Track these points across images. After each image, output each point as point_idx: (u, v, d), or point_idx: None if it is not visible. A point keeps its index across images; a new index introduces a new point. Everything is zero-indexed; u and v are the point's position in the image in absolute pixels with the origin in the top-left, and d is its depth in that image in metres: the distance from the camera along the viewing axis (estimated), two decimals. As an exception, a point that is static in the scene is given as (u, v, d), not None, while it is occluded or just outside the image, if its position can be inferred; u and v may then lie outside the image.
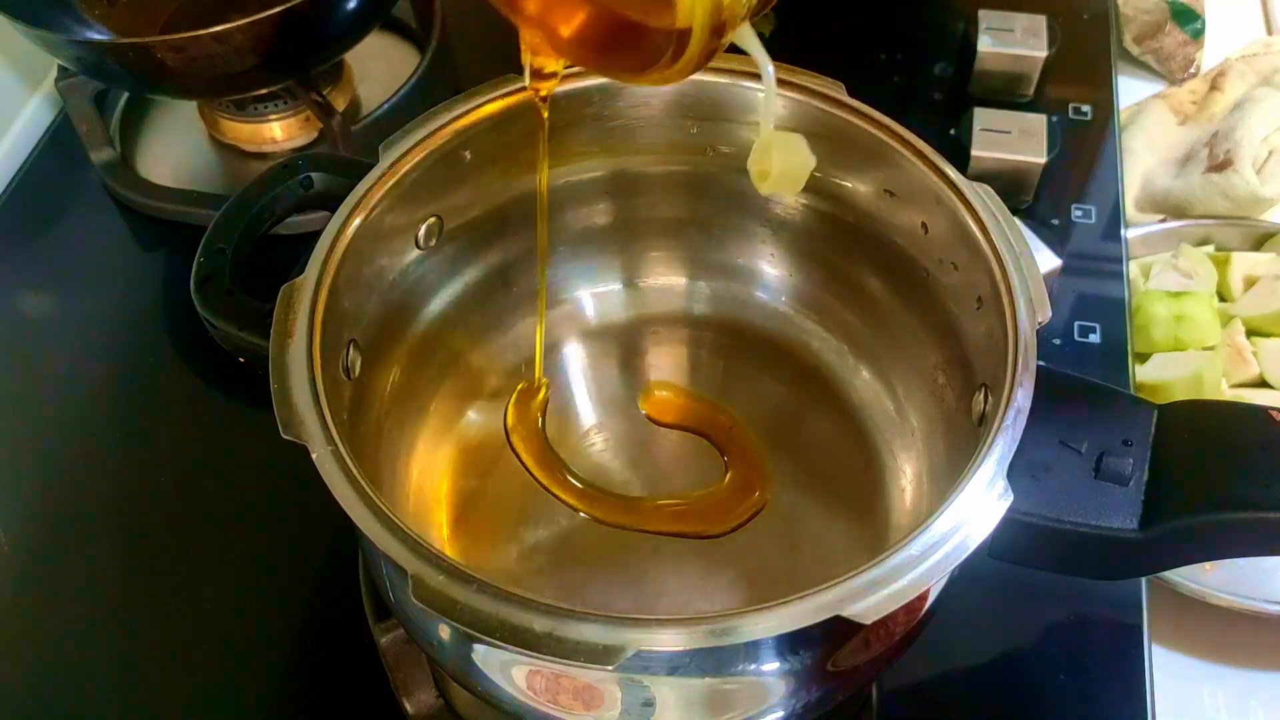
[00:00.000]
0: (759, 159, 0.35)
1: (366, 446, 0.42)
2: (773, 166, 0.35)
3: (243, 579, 0.51)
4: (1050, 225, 0.62)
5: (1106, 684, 0.46)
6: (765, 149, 0.35)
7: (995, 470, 0.32)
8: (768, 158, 0.35)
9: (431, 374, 0.48)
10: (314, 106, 0.65)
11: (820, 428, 0.49)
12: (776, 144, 0.35)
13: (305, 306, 0.37)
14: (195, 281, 0.42)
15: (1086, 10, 0.76)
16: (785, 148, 0.35)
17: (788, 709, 0.35)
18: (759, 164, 0.35)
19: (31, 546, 0.53)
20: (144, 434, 0.57)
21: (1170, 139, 0.72)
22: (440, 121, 0.42)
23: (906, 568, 0.30)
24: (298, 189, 0.45)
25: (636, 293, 0.53)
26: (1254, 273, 0.62)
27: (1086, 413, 0.36)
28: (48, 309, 0.64)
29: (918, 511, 0.45)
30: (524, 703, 0.35)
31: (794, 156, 0.35)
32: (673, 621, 0.29)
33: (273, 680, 0.48)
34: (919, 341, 0.45)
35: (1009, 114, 0.64)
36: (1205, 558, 0.46)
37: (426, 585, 0.30)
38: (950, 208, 0.39)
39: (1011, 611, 0.49)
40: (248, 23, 0.55)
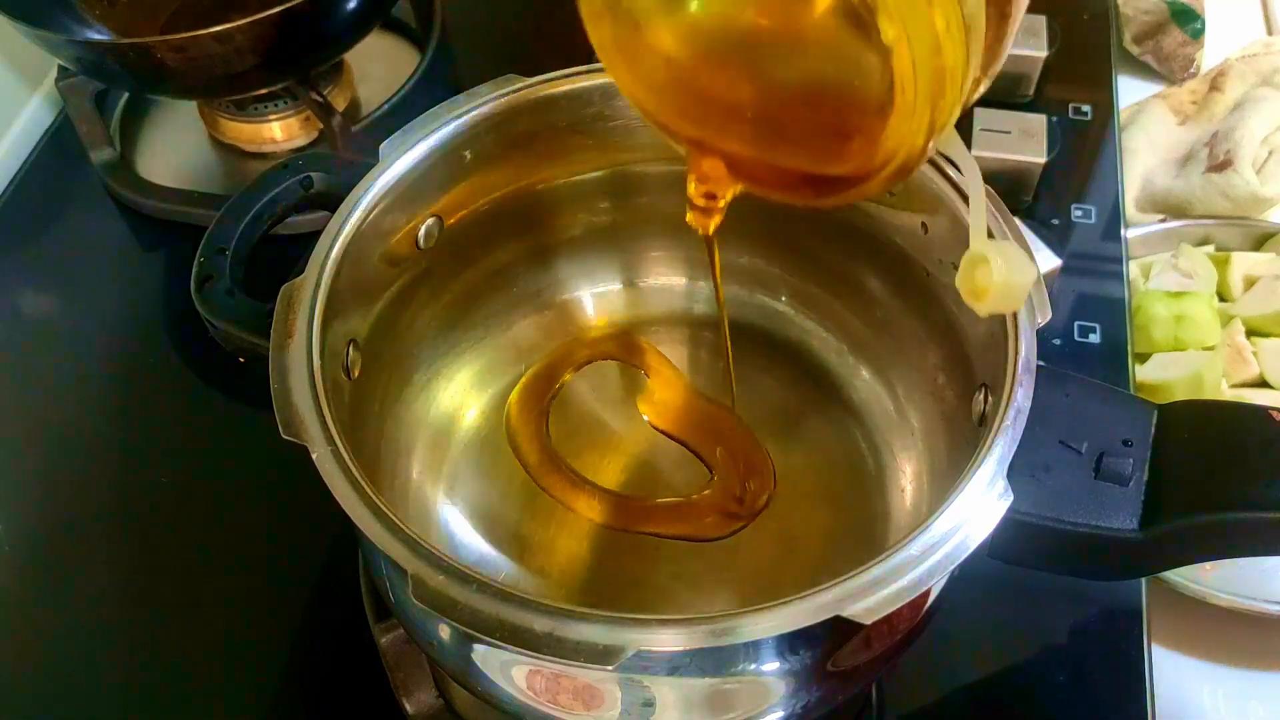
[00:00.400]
0: (971, 275, 0.30)
1: (366, 446, 0.42)
2: (992, 281, 0.30)
3: (243, 579, 0.51)
4: (1050, 225, 0.62)
5: (1106, 684, 0.46)
6: (981, 261, 0.30)
7: (995, 470, 0.32)
8: (985, 271, 0.30)
9: (431, 374, 0.48)
10: (314, 106, 0.65)
11: (820, 428, 0.49)
12: (994, 255, 0.30)
13: (305, 306, 0.37)
14: (195, 281, 0.42)
15: (1086, 10, 0.76)
16: (1005, 258, 0.30)
17: (788, 709, 0.35)
18: (971, 280, 0.31)
19: (31, 546, 0.53)
20: (144, 434, 0.57)
21: (1170, 139, 0.72)
22: (440, 121, 0.42)
23: (906, 568, 0.30)
24: (298, 189, 0.45)
25: (636, 293, 0.53)
26: (1254, 273, 0.62)
27: (1086, 413, 0.36)
28: (48, 309, 0.64)
29: (918, 511, 0.45)
30: (524, 703, 0.35)
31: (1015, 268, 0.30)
32: (673, 621, 0.29)
33: (273, 680, 0.48)
34: (919, 341, 0.45)
35: (1009, 114, 0.64)
36: (1205, 558, 0.46)
37: (426, 585, 0.30)
38: (950, 208, 0.39)
39: (1011, 611, 0.49)
40: (248, 23, 0.55)
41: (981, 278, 0.30)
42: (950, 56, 0.25)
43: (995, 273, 0.30)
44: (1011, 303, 0.31)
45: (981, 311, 0.31)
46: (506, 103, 0.42)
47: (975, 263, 0.30)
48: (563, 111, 0.44)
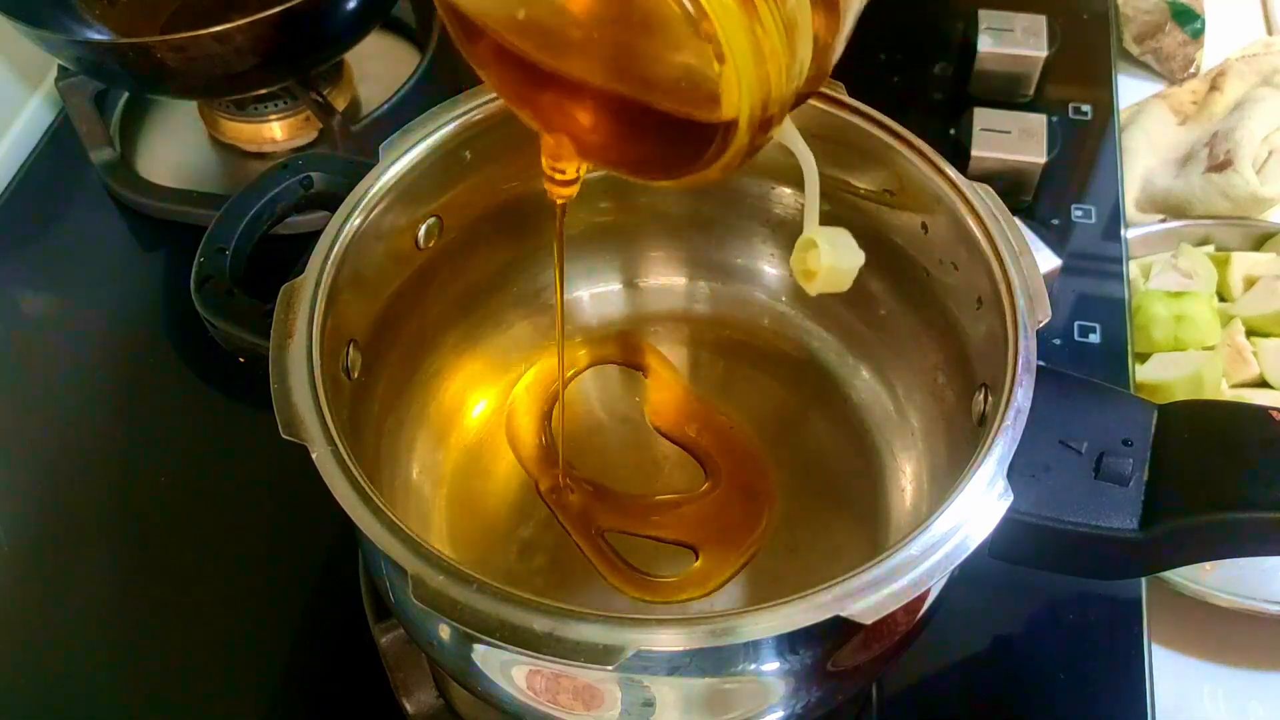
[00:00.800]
0: (804, 256, 0.33)
1: (366, 446, 0.42)
2: (821, 265, 0.32)
3: (243, 579, 0.51)
4: (1050, 225, 0.62)
5: (1106, 684, 0.46)
6: (810, 245, 0.32)
7: (995, 470, 0.32)
8: (814, 255, 0.32)
9: (431, 374, 0.48)
10: (314, 106, 0.65)
11: (820, 428, 0.49)
12: (823, 240, 0.32)
13: (305, 306, 0.37)
14: (195, 281, 0.42)
15: (1086, 10, 0.76)
16: (832, 244, 0.32)
17: (788, 709, 0.35)
18: (804, 262, 0.33)
19: (31, 546, 0.53)
20: (144, 434, 0.57)
21: (1170, 139, 0.72)
22: (440, 121, 0.42)
23: (906, 568, 0.30)
24: (298, 189, 0.45)
25: (636, 293, 0.53)
26: (1254, 273, 0.62)
27: (1086, 413, 0.36)
28: (48, 309, 0.64)
29: (918, 511, 0.45)
30: (524, 703, 0.35)
31: (842, 253, 0.32)
32: (673, 621, 0.29)
33: (273, 680, 0.48)
34: (919, 341, 0.45)
35: (1009, 114, 0.64)
36: (1205, 558, 0.46)
37: (426, 585, 0.30)
38: (950, 208, 0.39)
39: (1011, 611, 0.49)
40: (248, 23, 0.55)
41: (811, 260, 0.32)
42: (773, 62, 0.26)
43: (824, 256, 0.32)
44: (839, 285, 0.33)
45: (811, 291, 0.33)
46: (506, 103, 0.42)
47: (806, 246, 0.33)
48: (563, 111, 0.44)
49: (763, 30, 0.25)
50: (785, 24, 0.26)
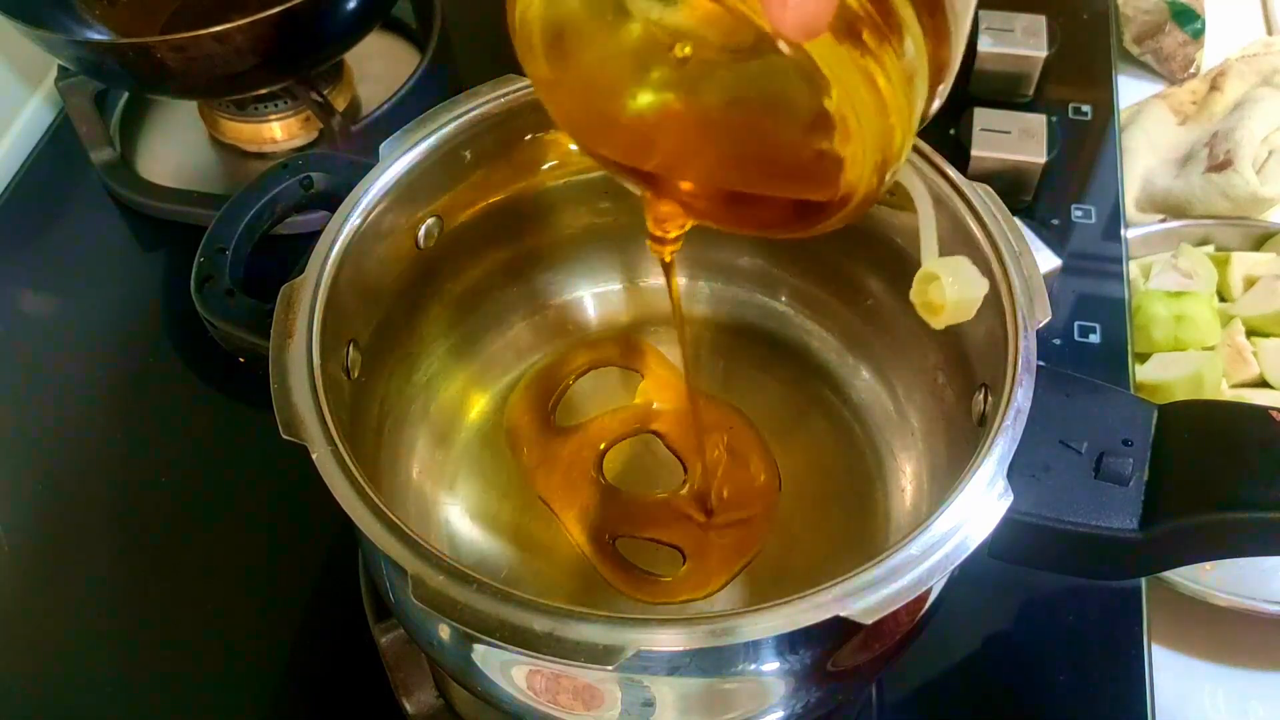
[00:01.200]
0: (925, 290, 0.32)
1: (366, 446, 0.42)
2: (947, 299, 0.31)
3: (243, 579, 0.51)
4: (1050, 225, 0.62)
5: (1106, 684, 0.46)
6: (932, 278, 0.31)
7: (995, 470, 0.32)
8: (937, 288, 0.31)
9: (431, 374, 0.48)
10: (314, 106, 0.65)
11: (820, 427, 0.49)
12: (945, 271, 0.31)
13: (305, 306, 0.37)
14: (195, 281, 0.42)
15: (1086, 10, 0.76)
16: (955, 274, 0.31)
17: (788, 709, 0.35)
18: (926, 295, 0.32)
19: (31, 546, 0.53)
20: (144, 434, 0.57)
21: (1170, 139, 0.72)
22: (440, 121, 0.42)
23: (906, 568, 0.30)
24: (298, 189, 0.45)
25: (636, 293, 0.53)
26: (1254, 273, 0.62)
27: (1086, 413, 0.36)
28: (48, 309, 0.64)
29: (918, 511, 0.45)
30: (524, 703, 0.35)
31: (965, 284, 0.31)
32: (673, 621, 0.29)
33: (273, 680, 0.48)
34: (919, 341, 0.45)
35: (1009, 114, 0.64)
36: (1205, 558, 0.46)
37: (426, 585, 0.30)
38: (950, 208, 0.39)
39: (1011, 611, 0.49)
40: (248, 23, 0.55)
41: (935, 294, 0.31)
42: (895, 113, 0.25)
43: (948, 290, 0.31)
44: (964, 315, 0.32)
45: (936, 325, 0.32)
46: (506, 103, 0.42)
47: (928, 279, 0.31)
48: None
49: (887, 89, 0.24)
50: (905, 76, 0.25)
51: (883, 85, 0.24)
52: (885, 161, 0.26)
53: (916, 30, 0.25)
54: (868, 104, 0.25)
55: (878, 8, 0.24)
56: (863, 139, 0.25)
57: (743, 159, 0.30)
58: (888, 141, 0.26)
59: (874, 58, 0.24)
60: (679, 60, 0.27)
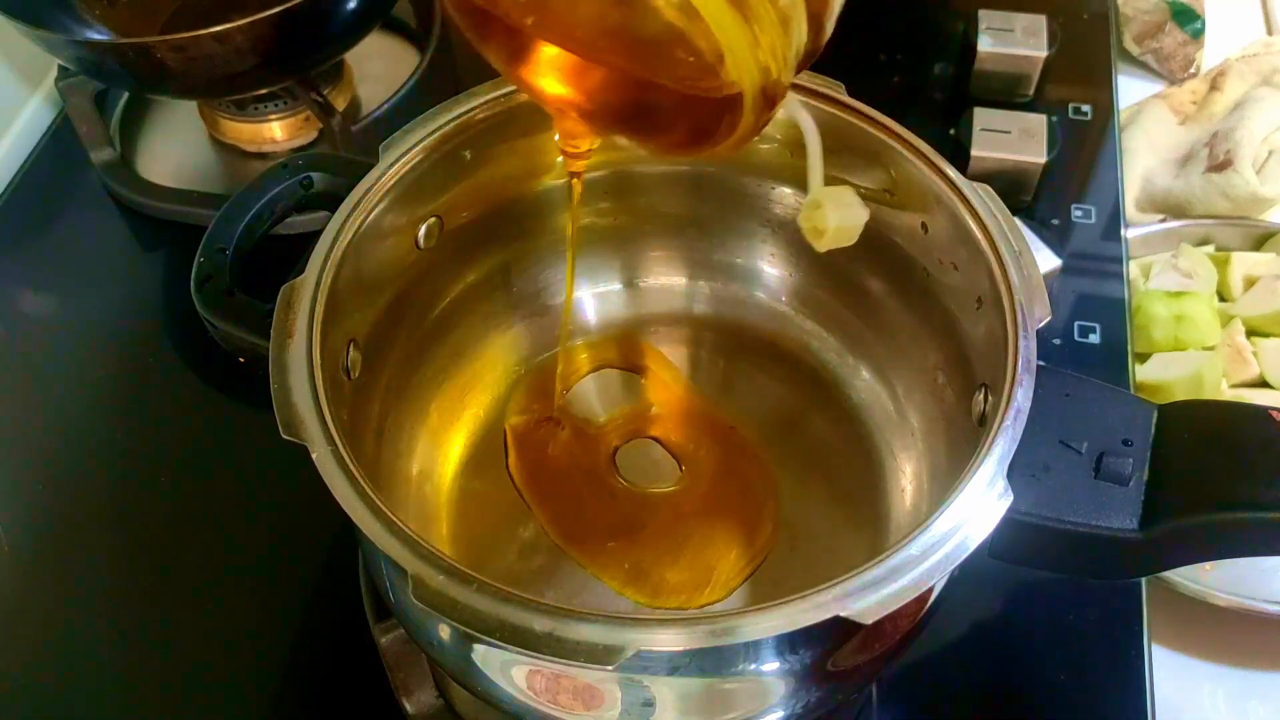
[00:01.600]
0: (811, 215, 0.34)
1: (366, 446, 0.42)
2: (828, 223, 0.34)
3: (243, 579, 0.51)
4: (1050, 225, 0.62)
5: (1106, 684, 0.46)
6: (816, 205, 0.34)
7: (995, 470, 0.32)
8: (821, 214, 0.34)
9: (431, 374, 0.48)
10: (314, 106, 0.65)
11: (820, 428, 0.49)
12: (828, 199, 0.34)
13: (305, 306, 0.37)
14: (195, 281, 0.42)
15: (1086, 10, 0.76)
16: (838, 202, 0.34)
17: (788, 709, 0.35)
18: (811, 220, 0.34)
19: (31, 546, 0.53)
20: (144, 434, 0.57)
21: (1170, 139, 0.72)
22: (440, 121, 0.42)
23: (906, 568, 0.30)
24: (298, 189, 0.45)
25: (636, 293, 0.53)
26: (1254, 273, 0.62)
27: (1086, 413, 0.36)
28: (48, 309, 0.64)
29: (918, 511, 0.45)
30: (524, 703, 0.35)
31: (848, 210, 0.34)
32: (673, 621, 0.29)
33: (273, 680, 0.48)
34: (919, 341, 0.45)
35: (1009, 114, 0.64)
36: (1205, 558, 0.46)
37: (426, 585, 0.30)
38: (950, 208, 0.39)
39: (1011, 611, 0.49)
40: (248, 23, 0.55)
41: (819, 219, 0.34)
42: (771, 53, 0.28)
43: (829, 217, 0.34)
44: (846, 240, 0.34)
45: (819, 248, 0.34)
46: (506, 103, 0.42)
47: (813, 205, 0.34)
48: (562, 111, 0.44)
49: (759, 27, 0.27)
50: (780, 18, 0.28)
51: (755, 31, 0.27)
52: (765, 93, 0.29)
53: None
54: (743, 42, 0.28)
55: None
56: (738, 71, 0.28)
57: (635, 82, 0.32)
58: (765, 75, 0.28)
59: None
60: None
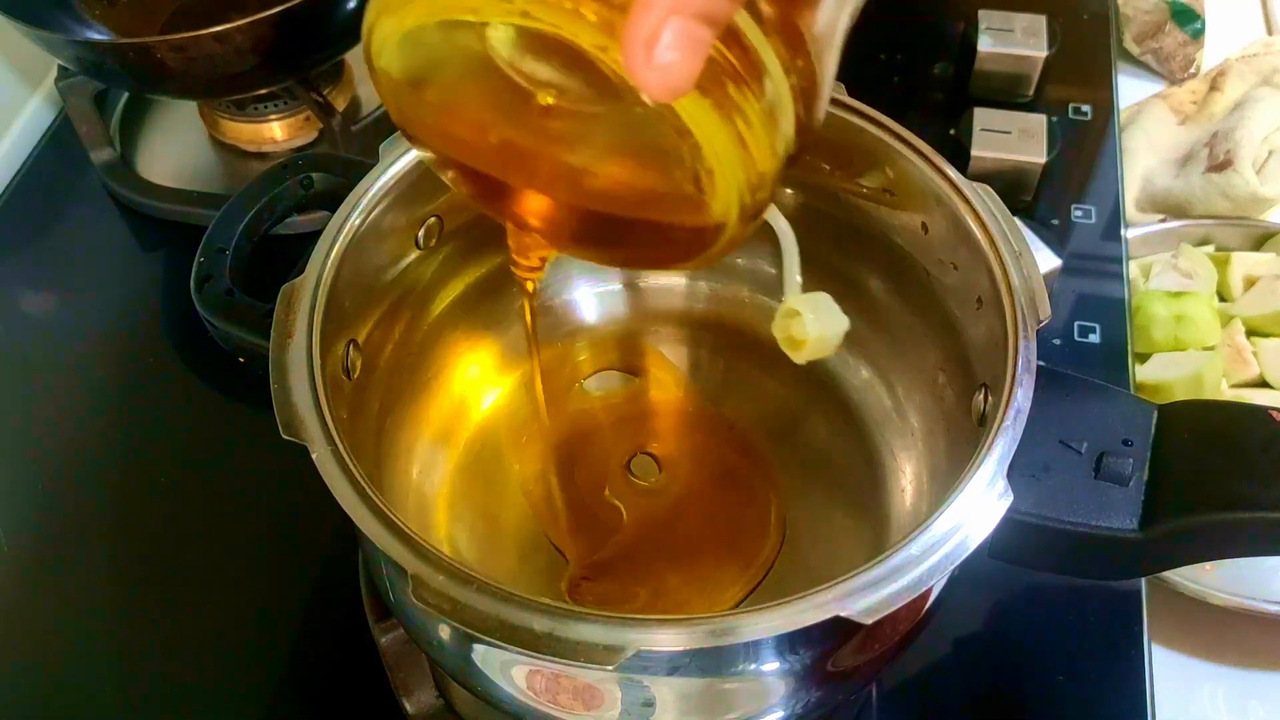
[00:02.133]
0: (788, 325, 0.32)
1: (366, 446, 0.42)
2: (807, 333, 0.31)
3: (243, 579, 0.51)
4: (1050, 225, 0.62)
5: (1106, 684, 0.46)
6: (793, 314, 0.32)
7: (995, 470, 0.32)
8: (799, 323, 0.31)
9: (431, 374, 0.48)
10: (314, 106, 0.65)
11: (820, 428, 0.49)
12: (806, 307, 0.32)
13: (305, 306, 0.37)
14: (195, 281, 0.42)
15: (1086, 10, 0.76)
16: (816, 309, 0.32)
17: (788, 709, 0.35)
18: (788, 330, 0.32)
19: (31, 546, 0.53)
20: (144, 434, 0.57)
21: (1170, 139, 0.72)
22: (440, 121, 0.42)
23: (906, 568, 0.30)
24: (298, 189, 0.45)
25: (636, 293, 0.53)
26: (1254, 273, 0.62)
27: (1086, 413, 0.36)
28: (48, 309, 0.64)
29: (918, 511, 0.45)
30: (524, 703, 0.35)
31: (827, 318, 0.32)
32: (673, 621, 0.29)
33: (273, 680, 0.48)
34: (919, 341, 0.45)
35: (1009, 114, 0.64)
36: (1205, 558, 0.46)
37: (426, 585, 0.30)
38: (950, 208, 0.39)
39: (1011, 612, 0.49)
40: (248, 23, 0.55)
41: (796, 330, 0.32)
42: (756, 152, 0.25)
43: (809, 327, 0.31)
44: (826, 351, 0.32)
45: (798, 360, 0.32)
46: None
47: (789, 314, 0.32)
48: (562, 112, 0.44)
49: (746, 128, 0.25)
50: (765, 113, 0.25)
51: (743, 129, 0.25)
52: (750, 197, 0.26)
53: (777, 70, 0.25)
54: (730, 148, 0.25)
55: (737, 55, 0.24)
56: (725, 178, 0.26)
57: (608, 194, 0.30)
58: (751, 179, 0.26)
59: (734, 105, 0.24)
60: (543, 108, 0.27)
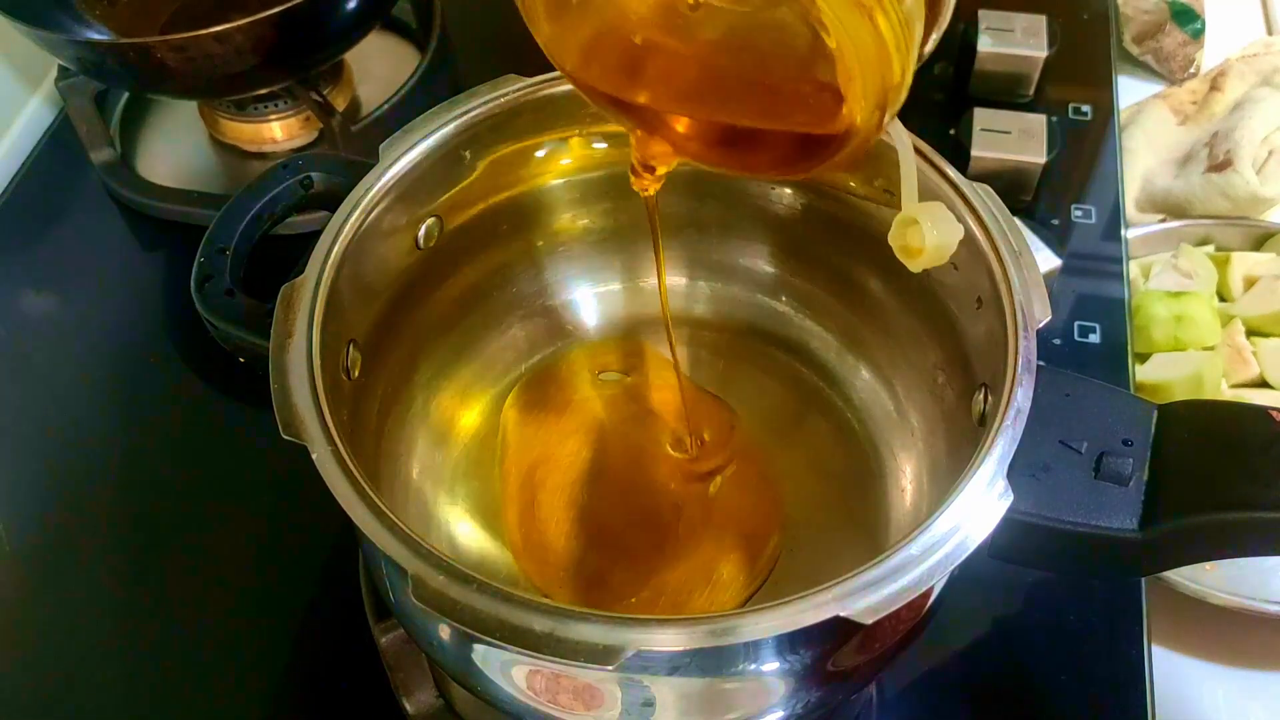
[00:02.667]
0: (905, 233, 0.32)
1: (366, 446, 0.42)
2: (925, 241, 0.31)
3: (243, 579, 0.51)
4: (1050, 225, 0.62)
5: (1106, 684, 0.46)
6: (911, 222, 0.32)
7: (995, 470, 0.32)
8: (916, 231, 0.32)
9: (431, 374, 0.48)
10: (314, 106, 0.65)
11: (820, 428, 0.49)
12: (925, 215, 0.32)
13: (305, 306, 0.37)
14: (195, 281, 0.42)
15: (1086, 10, 0.76)
16: (934, 218, 0.32)
17: (788, 709, 0.35)
18: (905, 239, 0.32)
19: (32, 546, 0.53)
20: (144, 434, 0.57)
21: (1170, 139, 0.72)
22: (440, 121, 0.42)
23: (906, 568, 0.30)
24: (298, 189, 0.45)
25: (636, 293, 0.53)
26: (1254, 273, 0.62)
27: (1086, 413, 0.36)
28: (48, 309, 0.64)
29: (918, 511, 0.45)
30: (524, 703, 0.35)
31: (944, 226, 0.32)
32: (673, 621, 0.29)
33: (273, 680, 0.48)
34: (919, 341, 0.45)
35: (1009, 114, 0.64)
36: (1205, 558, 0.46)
37: (426, 585, 0.30)
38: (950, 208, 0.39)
39: (1011, 611, 0.49)
40: (248, 23, 0.55)
41: (914, 238, 0.32)
42: (895, 51, 0.26)
43: (927, 235, 0.31)
44: (940, 259, 0.32)
45: (914, 268, 0.33)
46: (506, 103, 0.42)
47: (906, 224, 0.32)
48: (563, 111, 0.44)
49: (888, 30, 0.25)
50: (904, 19, 0.26)
51: (882, 25, 0.25)
52: (884, 98, 0.27)
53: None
54: (868, 44, 0.25)
55: None
56: (863, 77, 0.26)
57: (743, 98, 0.30)
58: (887, 79, 0.26)
59: (877, 4, 0.25)
60: (690, 6, 0.28)
